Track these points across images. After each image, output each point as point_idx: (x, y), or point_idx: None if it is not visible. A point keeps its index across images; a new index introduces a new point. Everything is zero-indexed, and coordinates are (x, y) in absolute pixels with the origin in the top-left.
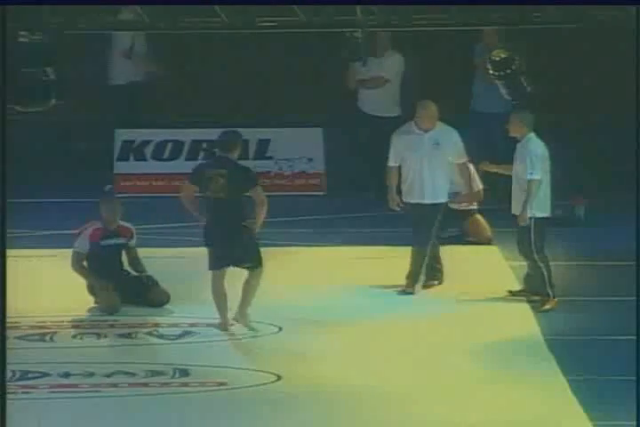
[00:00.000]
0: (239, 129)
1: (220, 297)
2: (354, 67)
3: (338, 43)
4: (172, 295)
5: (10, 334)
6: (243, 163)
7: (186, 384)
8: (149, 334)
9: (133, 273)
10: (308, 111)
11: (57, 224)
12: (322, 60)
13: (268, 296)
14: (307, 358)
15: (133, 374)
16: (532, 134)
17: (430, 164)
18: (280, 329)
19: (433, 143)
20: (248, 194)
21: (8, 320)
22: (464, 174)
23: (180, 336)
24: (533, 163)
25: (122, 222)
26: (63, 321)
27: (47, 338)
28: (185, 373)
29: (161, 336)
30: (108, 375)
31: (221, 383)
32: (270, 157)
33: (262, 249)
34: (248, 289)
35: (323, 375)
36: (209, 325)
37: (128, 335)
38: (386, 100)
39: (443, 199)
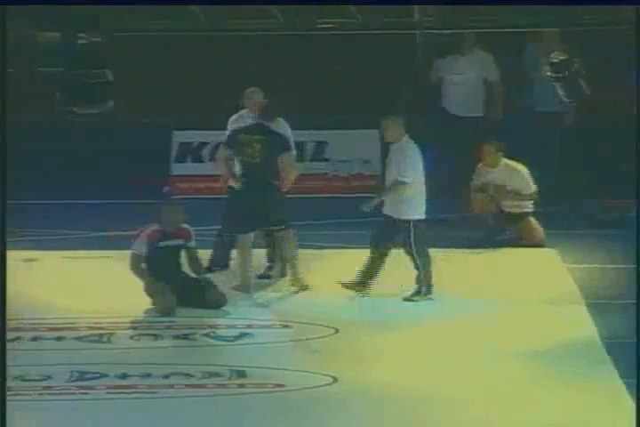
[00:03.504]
0: (297, 131)
1: (246, 262)
2: (436, 64)
3: (398, 43)
4: (229, 297)
5: (67, 334)
6: (299, 165)
7: (242, 386)
8: (206, 335)
9: (191, 275)
10: (365, 114)
11: (113, 225)
12: (380, 60)
13: (325, 298)
14: (363, 359)
15: (190, 376)
16: (407, 138)
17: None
18: (336, 331)
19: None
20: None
21: (64, 321)
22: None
23: (236, 338)
24: (407, 167)
25: (180, 224)
26: (120, 322)
27: (104, 339)
28: (242, 374)
29: (218, 338)
30: (166, 376)
31: (278, 385)
32: (327, 159)
33: (318, 251)
34: (288, 252)
35: (379, 377)
36: (265, 326)
37: (185, 337)
38: (470, 100)
39: None
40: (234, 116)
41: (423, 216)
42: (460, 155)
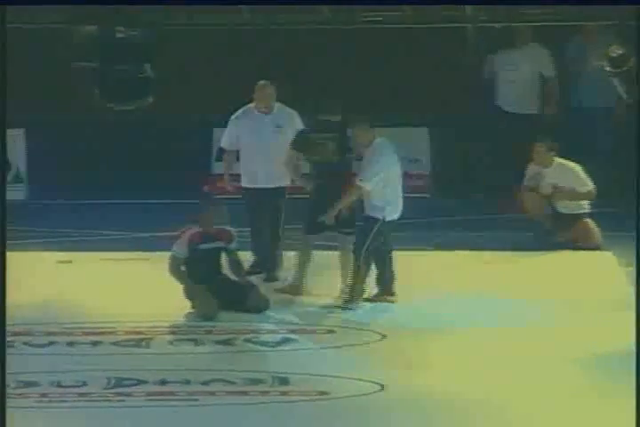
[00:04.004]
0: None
1: (305, 264)
2: (489, 59)
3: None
4: (272, 300)
5: (104, 339)
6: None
7: (285, 393)
8: (248, 340)
9: (232, 278)
10: (414, 111)
11: (151, 226)
12: (428, 56)
13: (371, 303)
14: (411, 366)
15: (231, 382)
16: (380, 140)
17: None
18: (383, 337)
19: (274, 126)
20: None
21: (101, 326)
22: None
23: (279, 343)
24: (371, 170)
25: (221, 226)
26: (159, 327)
27: (143, 344)
28: (285, 381)
29: (260, 343)
30: (206, 383)
31: (322, 393)
32: None
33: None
34: (345, 258)
35: (428, 385)
36: (309, 331)
37: (226, 342)
38: (524, 97)
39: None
40: (239, 112)
41: (395, 217)
42: (513, 154)
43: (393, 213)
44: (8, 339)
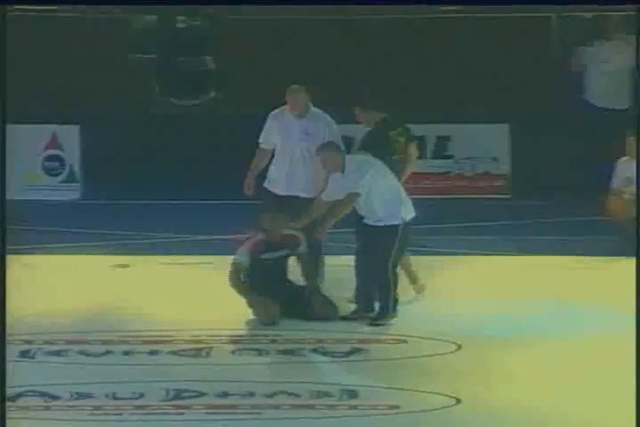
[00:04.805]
0: (417, 125)
1: None
2: (577, 50)
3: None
4: (339, 309)
5: (162, 348)
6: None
7: (354, 407)
8: (314, 350)
9: (298, 284)
10: (493, 106)
11: (213, 228)
12: (512, 47)
13: (445, 311)
14: (489, 379)
15: (297, 395)
16: (349, 158)
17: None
18: (459, 347)
19: (303, 133)
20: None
21: (159, 334)
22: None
23: (348, 354)
24: (357, 177)
25: (287, 230)
26: (220, 336)
27: (203, 354)
28: (353, 394)
29: (327, 354)
30: (270, 396)
31: (393, 407)
32: (450, 156)
33: (439, 257)
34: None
35: (507, 398)
36: (379, 341)
37: (291, 352)
38: (616, 91)
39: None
40: (277, 110)
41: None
42: (600, 153)
43: (410, 212)
44: (62, 348)
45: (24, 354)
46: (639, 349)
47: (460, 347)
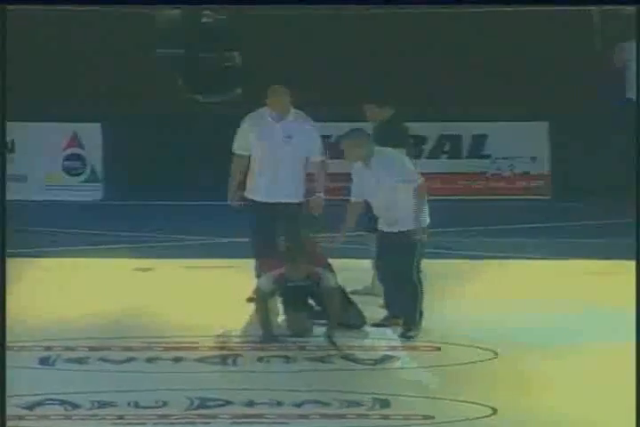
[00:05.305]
0: (452, 124)
1: None
2: (620, 46)
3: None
4: (369, 315)
5: (186, 355)
6: (454, 162)
7: (386, 417)
8: (344, 358)
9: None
10: (532, 103)
11: (238, 231)
12: (552, 42)
13: (481, 317)
14: (527, 388)
15: (327, 404)
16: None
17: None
18: (496, 355)
19: (285, 136)
20: None
21: (183, 340)
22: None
23: (379, 361)
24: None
25: (312, 267)
26: (247, 342)
27: (229, 361)
28: (385, 404)
29: (358, 361)
30: (298, 405)
31: (427, 417)
32: (487, 156)
33: (476, 262)
34: None
35: (545, 408)
36: (412, 348)
37: (321, 359)
38: None
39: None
40: (253, 113)
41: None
42: None
43: (427, 216)
44: (83, 354)
45: (43, 361)
46: (639, 349)
47: (496, 354)
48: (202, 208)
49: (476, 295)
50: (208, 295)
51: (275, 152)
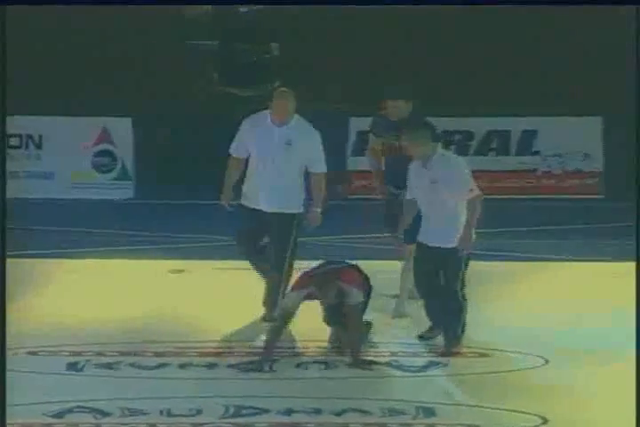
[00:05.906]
0: (500, 118)
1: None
2: None
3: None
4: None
5: (221, 361)
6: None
7: (431, 426)
8: (387, 364)
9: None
10: (584, 97)
11: None
12: (591, 38)
13: (530, 322)
14: (579, 396)
15: (368, 413)
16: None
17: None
18: (546, 362)
19: (284, 142)
20: None
21: (218, 345)
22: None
23: (423, 368)
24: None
25: (340, 283)
26: (283, 347)
27: (265, 367)
28: (430, 412)
29: (401, 368)
30: (338, 414)
31: (473, 426)
32: (537, 153)
33: (522, 263)
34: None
35: (598, 418)
36: (459, 355)
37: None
38: None
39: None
40: (253, 115)
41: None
42: None
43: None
44: (113, 360)
45: (71, 367)
46: (639, 348)
47: (547, 361)
48: (236, 208)
49: (525, 300)
50: (243, 298)
51: (272, 157)
